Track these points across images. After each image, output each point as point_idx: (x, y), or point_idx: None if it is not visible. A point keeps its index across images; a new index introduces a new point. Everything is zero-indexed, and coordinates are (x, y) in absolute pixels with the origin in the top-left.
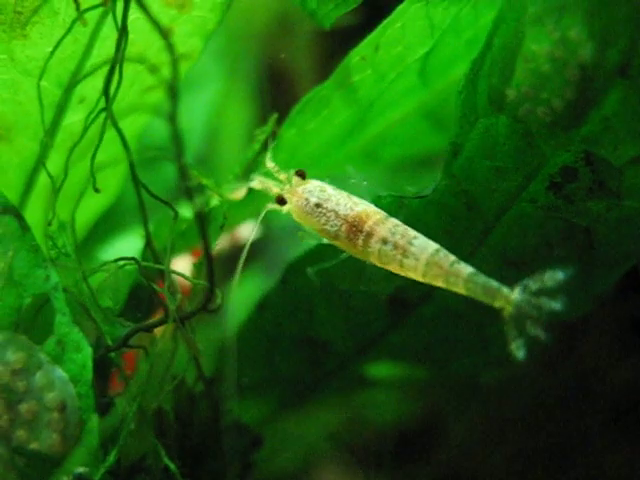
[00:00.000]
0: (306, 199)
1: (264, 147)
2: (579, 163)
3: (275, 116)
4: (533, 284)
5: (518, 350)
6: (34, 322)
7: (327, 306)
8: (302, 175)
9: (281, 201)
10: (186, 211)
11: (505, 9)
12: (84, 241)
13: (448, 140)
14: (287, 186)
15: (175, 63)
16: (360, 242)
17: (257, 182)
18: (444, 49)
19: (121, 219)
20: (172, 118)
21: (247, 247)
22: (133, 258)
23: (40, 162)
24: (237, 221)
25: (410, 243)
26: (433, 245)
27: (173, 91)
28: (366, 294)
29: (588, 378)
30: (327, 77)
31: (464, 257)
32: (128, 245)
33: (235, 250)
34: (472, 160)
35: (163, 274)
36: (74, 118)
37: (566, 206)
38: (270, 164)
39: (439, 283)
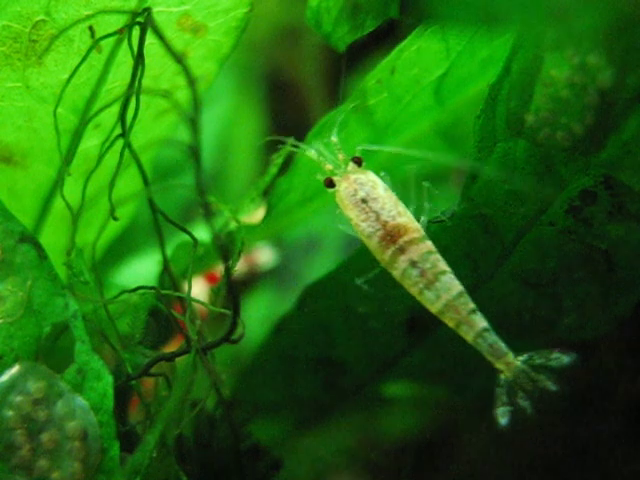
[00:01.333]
0: (355, 190)
1: (280, 171)
2: (598, 187)
3: (291, 140)
4: (538, 358)
5: (502, 417)
6: (54, 350)
7: (345, 328)
8: (359, 162)
9: (329, 183)
10: (200, 234)
11: (523, 34)
12: (100, 263)
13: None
14: (341, 169)
15: (195, 93)
16: (389, 253)
17: (314, 153)
18: (459, 69)
19: (137, 239)
20: (194, 148)
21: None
22: (154, 287)
23: (56, 188)
24: (253, 244)
25: (437, 277)
26: (457, 287)
27: (194, 124)
28: (384, 316)
29: (601, 392)
30: (335, 87)
31: (483, 280)
32: (144, 266)
33: (251, 274)
34: (490, 184)
35: (180, 299)
36: (90, 143)
37: (585, 229)
38: (334, 139)
39: (450, 323)
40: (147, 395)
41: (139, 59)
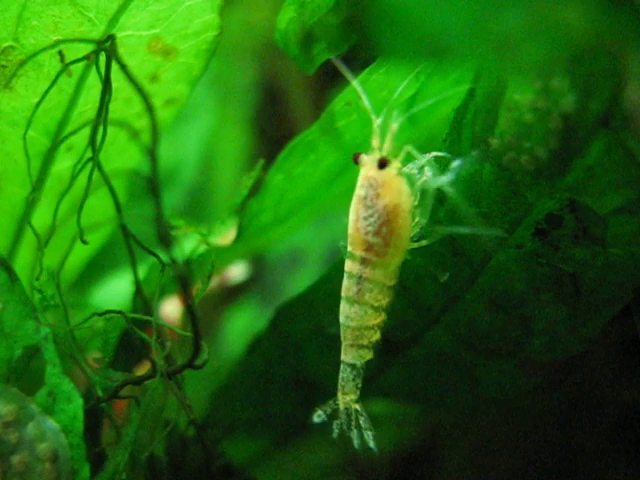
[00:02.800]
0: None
1: (251, 194)
2: (564, 210)
3: (262, 161)
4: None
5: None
6: (25, 373)
7: (316, 349)
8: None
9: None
10: (178, 251)
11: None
12: (79, 280)
13: None
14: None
15: (154, 129)
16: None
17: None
18: (431, 89)
19: (117, 255)
20: (153, 181)
21: None
22: (120, 312)
23: (28, 212)
24: (226, 263)
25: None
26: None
27: (152, 156)
28: None
29: (589, 398)
30: (321, 99)
31: (452, 301)
32: (123, 284)
33: (225, 291)
34: (458, 207)
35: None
36: (63, 165)
37: (552, 252)
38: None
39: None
40: (120, 417)
41: (107, 85)
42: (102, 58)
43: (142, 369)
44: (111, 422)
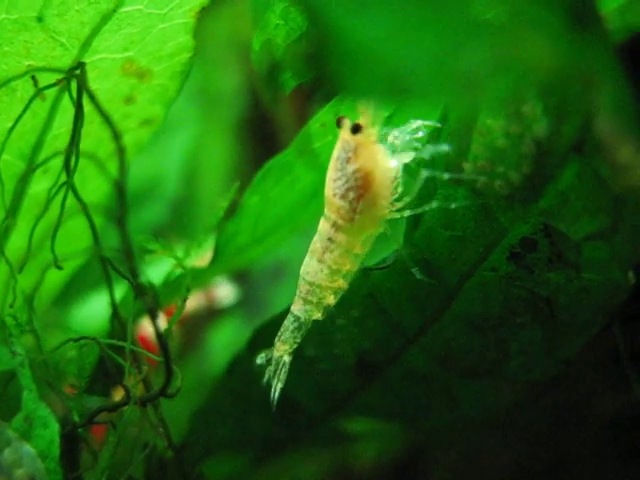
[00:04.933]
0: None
1: (227, 215)
2: (538, 235)
3: (237, 184)
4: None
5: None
6: (0, 398)
7: (295, 370)
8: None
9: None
10: (162, 267)
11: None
12: (59, 298)
13: None
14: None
15: (122, 162)
16: None
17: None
18: (407, 110)
19: (97, 271)
20: (120, 215)
21: None
22: (94, 338)
23: (7, 231)
24: (205, 282)
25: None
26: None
27: (121, 189)
28: (332, 359)
29: (576, 409)
30: (305, 108)
31: (429, 322)
32: (102, 302)
33: (211, 309)
34: (432, 230)
35: (132, 341)
36: (39, 187)
37: (527, 276)
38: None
39: None
40: (98, 442)
41: (79, 111)
42: (74, 83)
43: (120, 392)
44: (88, 447)
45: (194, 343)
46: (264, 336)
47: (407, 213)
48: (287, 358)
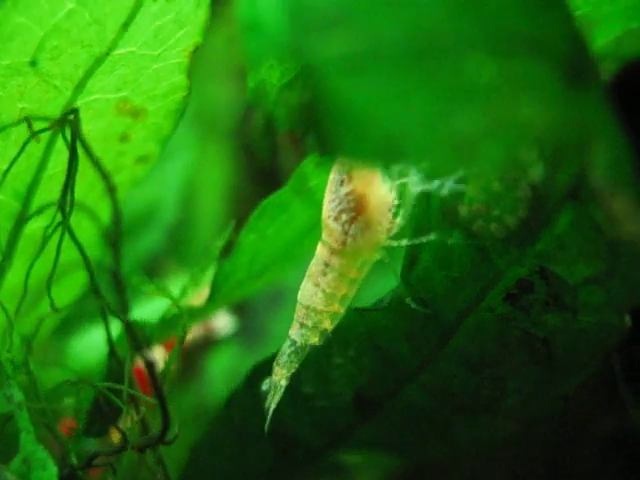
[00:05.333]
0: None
1: (223, 254)
2: (534, 277)
3: (233, 223)
4: None
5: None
6: None
7: (292, 407)
8: None
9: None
10: (159, 304)
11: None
12: (56, 332)
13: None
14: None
15: (116, 209)
16: None
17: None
18: None
19: (92, 308)
20: (115, 272)
21: None
22: (91, 382)
23: (4, 270)
24: (202, 318)
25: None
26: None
27: (115, 246)
28: (330, 396)
29: (572, 429)
30: (302, 138)
31: (426, 361)
32: (100, 335)
33: (208, 339)
34: (429, 270)
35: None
36: (34, 226)
37: (523, 317)
38: None
39: None
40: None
41: (73, 155)
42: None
43: (118, 432)
44: None
45: (192, 372)
46: (263, 371)
47: (404, 242)
48: (284, 382)
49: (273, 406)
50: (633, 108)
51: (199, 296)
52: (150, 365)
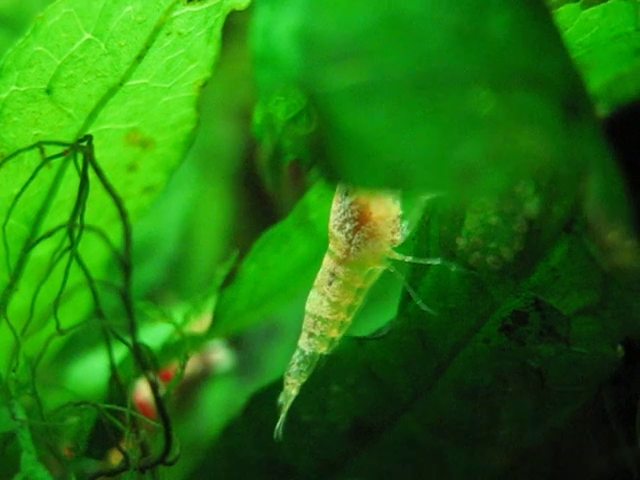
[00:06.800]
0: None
1: (225, 283)
2: (529, 308)
3: (237, 252)
4: None
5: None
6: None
7: (290, 435)
8: None
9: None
10: (159, 331)
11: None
12: (58, 356)
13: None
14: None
15: (128, 237)
16: None
17: None
18: None
19: (95, 331)
20: (124, 292)
21: None
22: (95, 404)
23: (9, 293)
24: (202, 346)
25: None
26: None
27: (126, 266)
28: (327, 424)
29: (565, 464)
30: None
31: (421, 391)
32: (101, 361)
33: (206, 373)
34: (426, 301)
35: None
36: (42, 251)
37: (518, 348)
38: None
39: None
40: None
41: (84, 181)
42: (80, 155)
43: (117, 454)
44: None
45: (188, 405)
46: (260, 402)
47: (409, 258)
48: (294, 392)
49: (284, 415)
50: (626, 148)
51: (200, 324)
52: (155, 386)
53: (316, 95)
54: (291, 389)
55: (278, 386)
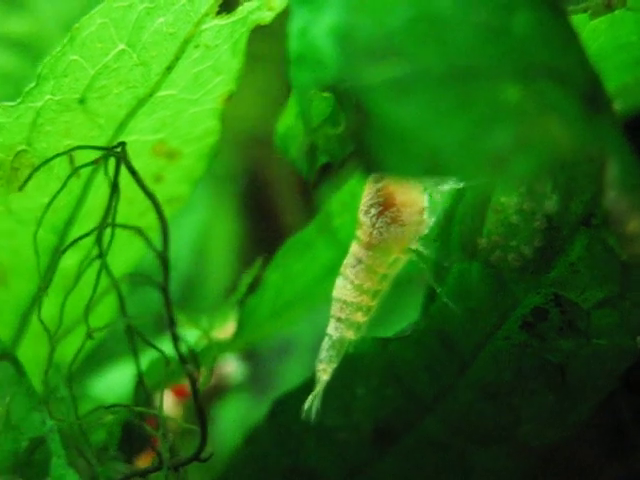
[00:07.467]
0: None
1: (250, 290)
2: (549, 304)
3: (260, 260)
4: None
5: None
6: (30, 464)
7: (313, 439)
8: None
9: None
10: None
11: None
12: (76, 374)
13: None
14: None
15: (165, 232)
16: None
17: None
18: None
19: (112, 349)
20: (163, 285)
21: None
22: (128, 406)
23: (35, 303)
24: (224, 355)
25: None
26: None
27: (164, 259)
28: (350, 428)
29: (581, 475)
30: (309, 196)
31: (444, 391)
32: (120, 376)
33: (218, 387)
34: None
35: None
36: (69, 262)
37: (539, 344)
38: None
39: None
40: None
41: (114, 189)
42: (110, 162)
43: (143, 461)
44: None
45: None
46: (282, 408)
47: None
48: (325, 377)
49: (318, 402)
50: None
51: (224, 331)
52: (193, 378)
53: (355, 90)
54: (322, 375)
55: (301, 391)
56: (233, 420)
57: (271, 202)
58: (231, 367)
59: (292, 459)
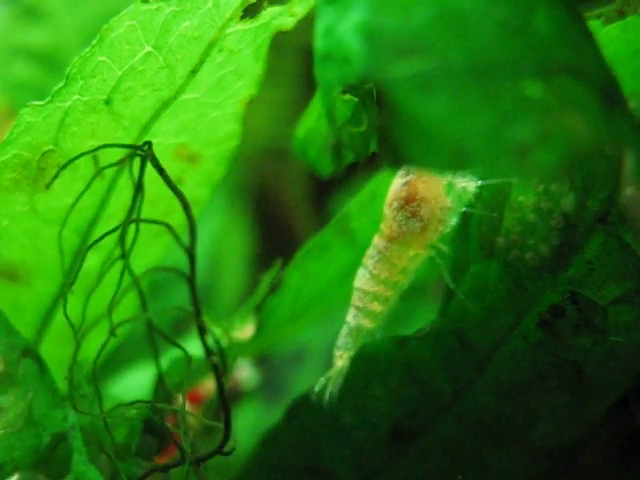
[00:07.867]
0: None
1: (271, 291)
2: (566, 302)
3: (280, 261)
4: None
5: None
6: (51, 460)
7: (331, 439)
8: None
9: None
10: (191, 348)
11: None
12: (98, 370)
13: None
14: None
15: (192, 227)
16: None
17: None
18: None
19: (132, 351)
20: (190, 277)
21: None
22: (150, 402)
23: (57, 303)
24: (242, 357)
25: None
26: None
27: (190, 253)
28: (367, 427)
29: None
30: (321, 205)
31: (461, 390)
32: (139, 378)
33: (232, 391)
34: (466, 301)
35: (173, 411)
36: (90, 262)
37: (555, 342)
38: None
39: None
40: None
41: (139, 188)
42: (135, 163)
43: (163, 458)
44: None
45: (214, 426)
46: (300, 408)
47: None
48: (341, 363)
49: (331, 386)
50: None
51: (243, 334)
52: (218, 371)
53: (382, 85)
54: (338, 361)
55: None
56: (244, 427)
57: (283, 213)
58: (245, 373)
59: (309, 460)
